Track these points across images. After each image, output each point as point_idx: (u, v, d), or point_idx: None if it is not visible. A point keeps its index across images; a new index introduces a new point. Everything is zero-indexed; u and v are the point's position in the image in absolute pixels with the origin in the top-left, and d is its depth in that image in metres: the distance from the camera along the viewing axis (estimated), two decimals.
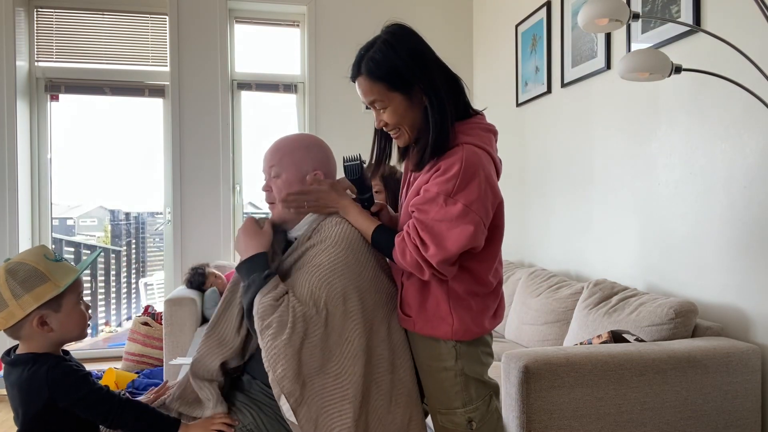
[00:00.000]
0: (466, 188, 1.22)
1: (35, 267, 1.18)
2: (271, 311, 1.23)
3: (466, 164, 1.23)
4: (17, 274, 1.16)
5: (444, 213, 1.23)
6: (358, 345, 1.27)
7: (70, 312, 1.22)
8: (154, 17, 4.05)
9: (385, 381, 1.31)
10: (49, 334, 1.20)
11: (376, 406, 1.29)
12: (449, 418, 1.37)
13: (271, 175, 1.42)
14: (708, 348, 1.82)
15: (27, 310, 1.16)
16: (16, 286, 1.16)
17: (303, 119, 4.18)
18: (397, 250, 1.30)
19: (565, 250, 3.05)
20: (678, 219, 2.23)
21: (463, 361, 1.35)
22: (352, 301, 1.28)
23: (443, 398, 1.37)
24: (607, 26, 1.70)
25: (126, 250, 5.03)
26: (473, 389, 1.36)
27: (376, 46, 1.30)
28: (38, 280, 1.17)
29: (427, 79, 1.28)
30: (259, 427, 1.29)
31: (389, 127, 1.36)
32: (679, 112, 2.23)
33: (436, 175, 1.26)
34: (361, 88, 1.33)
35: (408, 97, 1.30)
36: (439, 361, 1.36)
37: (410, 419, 1.33)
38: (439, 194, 1.23)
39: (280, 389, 1.20)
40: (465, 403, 1.35)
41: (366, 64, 1.30)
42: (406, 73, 1.27)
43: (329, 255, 1.30)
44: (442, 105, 1.27)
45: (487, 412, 1.38)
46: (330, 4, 4.10)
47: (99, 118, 4.27)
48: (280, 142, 1.44)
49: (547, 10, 3.15)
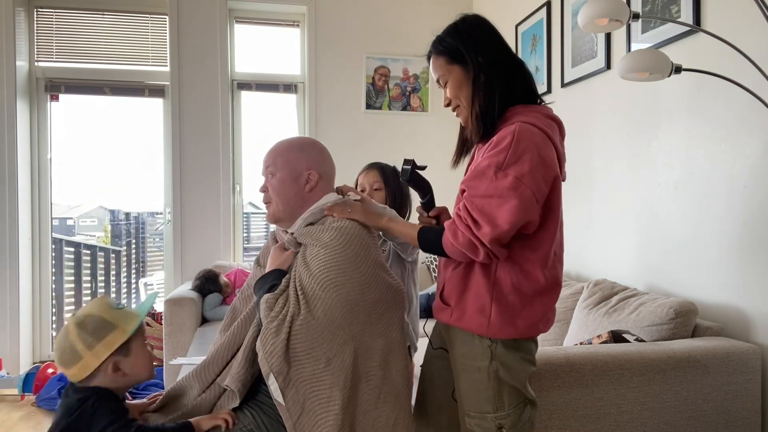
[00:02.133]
0: (518, 161, 1.22)
1: (102, 317, 1.24)
2: (273, 300, 1.30)
3: (518, 137, 1.24)
4: (87, 326, 1.22)
5: (494, 187, 1.22)
6: (348, 333, 1.28)
7: (138, 354, 1.28)
8: (154, 17, 4.05)
9: (376, 376, 1.32)
10: (123, 379, 1.26)
11: (364, 399, 1.29)
12: (478, 422, 1.33)
13: (267, 174, 1.48)
14: (708, 348, 1.82)
15: (101, 358, 1.22)
16: (88, 337, 1.21)
17: (303, 119, 4.18)
18: (448, 234, 1.28)
19: (565, 250, 3.05)
20: (678, 219, 2.23)
21: (498, 363, 1.31)
22: (345, 291, 1.29)
23: (474, 400, 1.34)
24: (607, 26, 1.70)
25: (126, 250, 5.03)
26: (506, 395, 1.31)
27: (442, 33, 1.43)
28: (107, 328, 1.23)
29: (482, 55, 1.36)
30: (259, 427, 1.30)
31: (451, 103, 1.43)
32: (679, 112, 2.23)
33: (488, 149, 1.27)
34: (431, 66, 1.44)
35: (465, 71, 1.37)
36: (473, 360, 1.33)
37: (396, 420, 1.33)
38: (490, 166, 1.23)
39: (269, 367, 1.22)
40: (497, 409, 1.31)
41: (433, 44, 1.43)
42: (462, 47, 1.37)
43: (327, 250, 1.33)
44: (494, 79, 1.34)
45: (519, 420, 1.33)
46: (330, 4, 4.10)
47: (99, 118, 4.26)
48: (277, 144, 1.50)
49: (547, 10, 3.15)
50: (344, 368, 1.26)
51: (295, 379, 1.24)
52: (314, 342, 1.25)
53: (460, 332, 1.36)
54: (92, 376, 1.23)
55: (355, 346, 1.28)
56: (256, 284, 1.43)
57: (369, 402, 1.30)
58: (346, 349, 1.27)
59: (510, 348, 1.32)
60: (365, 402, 1.29)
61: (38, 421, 2.91)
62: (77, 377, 1.23)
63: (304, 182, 1.46)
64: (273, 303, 1.30)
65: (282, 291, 1.32)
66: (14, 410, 3.06)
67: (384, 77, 4.16)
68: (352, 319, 1.29)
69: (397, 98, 4.20)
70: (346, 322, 1.28)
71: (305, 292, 1.30)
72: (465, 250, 1.26)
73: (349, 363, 1.27)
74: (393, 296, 1.39)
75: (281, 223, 1.48)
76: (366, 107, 4.15)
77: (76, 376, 1.22)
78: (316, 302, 1.28)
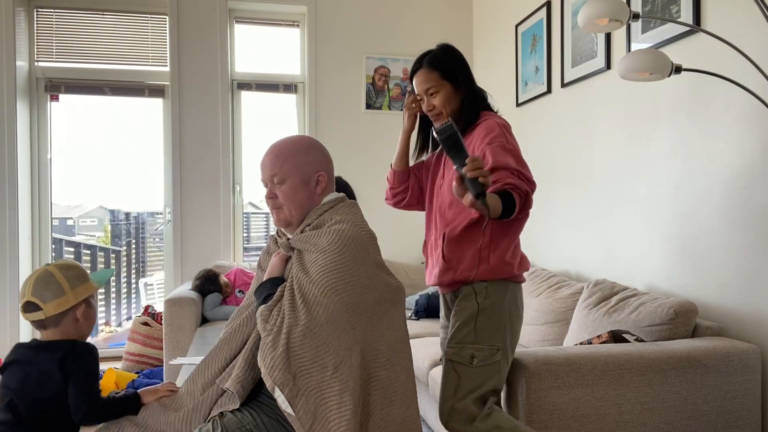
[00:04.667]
0: (511, 138, 1.63)
1: (79, 268, 1.41)
2: (267, 312, 1.31)
3: (503, 125, 1.64)
4: (71, 270, 1.38)
5: (512, 152, 1.56)
6: (353, 337, 1.28)
7: (94, 310, 1.43)
8: (154, 17, 4.05)
9: (381, 377, 1.32)
10: (79, 326, 1.39)
11: (370, 401, 1.29)
12: (456, 351, 1.59)
13: (274, 182, 1.43)
14: (708, 348, 1.82)
15: (78, 298, 1.37)
16: (72, 278, 1.37)
17: (303, 119, 4.18)
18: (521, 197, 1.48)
19: (565, 250, 3.05)
20: (678, 219, 2.23)
21: (491, 300, 1.60)
22: (346, 295, 1.29)
23: (459, 331, 1.60)
24: (607, 26, 1.70)
25: (126, 250, 5.03)
26: (488, 330, 1.58)
27: (434, 51, 1.74)
28: (84, 277, 1.41)
29: (467, 78, 1.73)
30: (258, 427, 1.30)
31: (435, 110, 1.73)
32: (679, 112, 2.23)
33: (482, 137, 1.61)
34: (420, 78, 1.73)
35: (454, 88, 1.72)
36: (469, 300, 1.61)
37: (403, 419, 1.33)
38: (499, 144, 1.57)
39: (273, 381, 1.22)
40: (475, 341, 1.58)
41: (426, 61, 1.73)
42: (454, 69, 1.72)
43: (326, 255, 1.32)
44: (475, 97, 1.73)
45: (490, 359, 1.57)
46: (330, 4, 4.10)
47: (99, 118, 4.26)
48: (279, 147, 1.45)
49: (547, 10, 3.15)
50: (352, 372, 1.25)
51: (304, 388, 1.23)
52: (319, 350, 1.25)
53: (459, 282, 1.65)
54: (62, 315, 1.35)
55: (360, 349, 1.28)
56: (255, 292, 1.44)
57: (375, 403, 1.30)
58: (353, 353, 1.27)
59: (500, 287, 1.62)
60: (372, 403, 1.29)
61: None
62: (50, 312, 1.34)
63: (315, 185, 1.45)
64: (267, 315, 1.30)
65: (276, 301, 1.32)
66: None
67: (384, 77, 4.16)
68: (356, 323, 1.29)
69: (397, 98, 4.20)
70: (350, 326, 1.28)
71: (306, 299, 1.29)
72: (529, 194, 1.52)
73: (357, 367, 1.26)
74: (394, 296, 1.39)
75: (291, 227, 1.46)
76: (366, 107, 4.15)
77: (51, 311, 1.34)
78: (318, 308, 1.27)
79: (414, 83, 1.77)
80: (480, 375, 1.57)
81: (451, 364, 1.60)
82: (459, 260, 1.64)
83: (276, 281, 1.39)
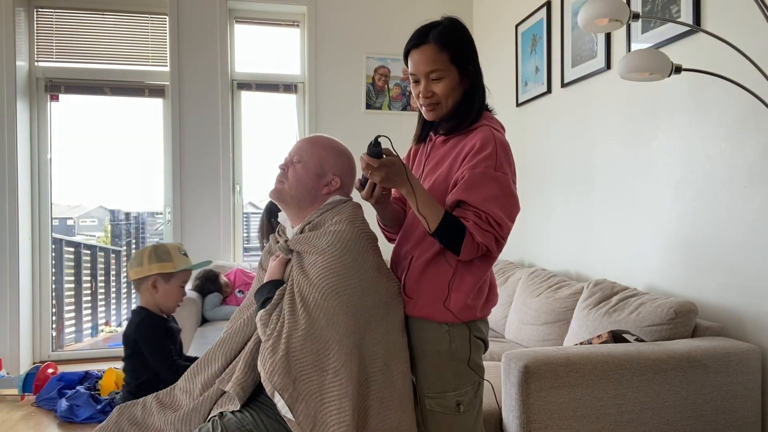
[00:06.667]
0: (506, 163, 1.35)
1: (168, 250, 1.79)
2: (266, 316, 1.31)
3: (499, 143, 1.36)
4: (157, 250, 1.78)
5: (498, 186, 1.32)
6: (353, 341, 1.28)
7: (174, 287, 1.79)
8: (154, 17, 4.05)
9: (378, 381, 1.32)
10: (155, 297, 1.78)
11: (368, 405, 1.29)
12: (439, 401, 1.39)
13: (293, 161, 1.46)
14: (708, 348, 1.82)
15: (149, 272, 1.76)
16: (152, 256, 1.77)
17: (303, 119, 4.18)
18: (475, 233, 1.29)
19: (565, 250, 3.05)
20: (678, 219, 2.23)
21: (456, 344, 1.38)
22: (346, 298, 1.29)
23: (435, 382, 1.39)
24: (607, 26, 1.70)
25: (126, 250, 5.03)
26: (464, 374, 1.40)
27: (443, 24, 1.42)
28: (166, 259, 1.77)
29: (476, 65, 1.45)
30: (258, 427, 1.30)
31: (435, 98, 1.42)
32: (679, 112, 2.23)
33: (473, 153, 1.34)
34: (425, 56, 1.40)
35: (461, 75, 1.42)
36: (434, 345, 1.39)
37: (399, 424, 1.33)
38: (485, 172, 1.32)
39: (272, 385, 1.22)
40: (456, 387, 1.38)
41: (436, 35, 1.39)
42: (466, 51, 1.42)
43: (325, 257, 1.32)
44: (481, 90, 1.45)
45: (475, 397, 1.42)
46: (330, 4, 4.10)
47: (99, 118, 4.26)
48: (316, 138, 1.49)
49: (547, 10, 3.15)
50: (352, 377, 1.25)
51: (304, 393, 1.23)
52: (320, 353, 1.25)
53: (419, 320, 1.41)
54: (140, 281, 1.76)
55: (359, 353, 1.28)
56: (255, 295, 1.44)
57: (372, 408, 1.30)
58: (353, 358, 1.27)
59: (465, 329, 1.40)
60: (369, 408, 1.29)
61: (38, 421, 2.91)
62: (131, 277, 1.77)
63: (325, 183, 1.45)
64: (267, 320, 1.30)
65: (275, 305, 1.32)
66: (14, 410, 3.06)
67: (384, 77, 4.16)
68: (356, 327, 1.29)
69: (397, 98, 4.20)
70: (351, 330, 1.28)
71: (306, 302, 1.29)
72: (488, 246, 1.32)
73: (356, 372, 1.26)
74: (391, 299, 1.39)
75: (282, 204, 1.47)
76: (366, 107, 4.15)
77: (131, 276, 1.77)
78: (318, 312, 1.27)
79: (411, 62, 1.43)
80: (469, 418, 1.42)
81: (436, 417, 1.39)
82: (418, 295, 1.41)
83: (275, 284, 1.39)
